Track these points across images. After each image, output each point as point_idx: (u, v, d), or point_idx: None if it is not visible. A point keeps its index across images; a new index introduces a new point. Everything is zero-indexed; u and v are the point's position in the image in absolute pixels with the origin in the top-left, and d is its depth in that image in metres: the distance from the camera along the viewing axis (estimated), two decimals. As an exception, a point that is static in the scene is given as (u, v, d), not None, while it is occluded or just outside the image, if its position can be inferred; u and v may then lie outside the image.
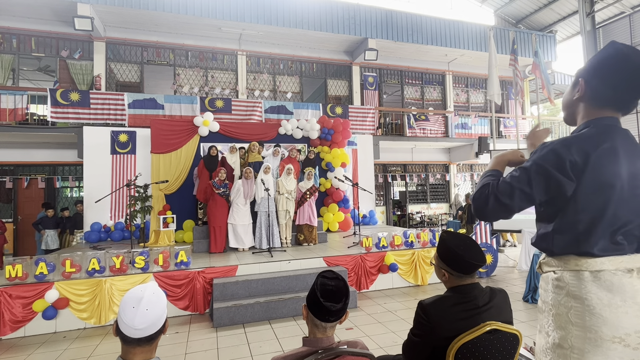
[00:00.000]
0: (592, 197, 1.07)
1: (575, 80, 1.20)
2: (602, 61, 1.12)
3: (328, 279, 1.41)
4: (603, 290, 1.03)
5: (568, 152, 1.07)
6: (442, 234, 1.65)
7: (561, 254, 1.13)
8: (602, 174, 1.06)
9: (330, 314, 1.36)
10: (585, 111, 1.17)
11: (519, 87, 9.40)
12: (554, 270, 1.14)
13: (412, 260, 6.00)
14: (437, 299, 1.57)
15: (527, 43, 12.80)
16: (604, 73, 1.11)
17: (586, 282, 1.05)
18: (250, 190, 6.36)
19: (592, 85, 1.13)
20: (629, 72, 1.08)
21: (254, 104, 9.72)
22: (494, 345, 1.48)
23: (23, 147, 9.00)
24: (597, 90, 1.13)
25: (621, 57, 1.08)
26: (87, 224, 7.79)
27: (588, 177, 1.06)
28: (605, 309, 1.02)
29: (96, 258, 4.69)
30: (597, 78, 1.12)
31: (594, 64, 1.14)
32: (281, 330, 4.26)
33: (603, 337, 1.00)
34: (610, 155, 1.07)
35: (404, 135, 11.64)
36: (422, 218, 12.54)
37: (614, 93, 1.11)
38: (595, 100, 1.14)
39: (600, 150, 1.06)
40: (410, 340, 1.60)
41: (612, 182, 1.06)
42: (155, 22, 9.70)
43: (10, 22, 9.08)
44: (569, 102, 1.22)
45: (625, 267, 1.05)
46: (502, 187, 1.12)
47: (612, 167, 1.06)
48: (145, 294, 1.21)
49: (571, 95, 1.21)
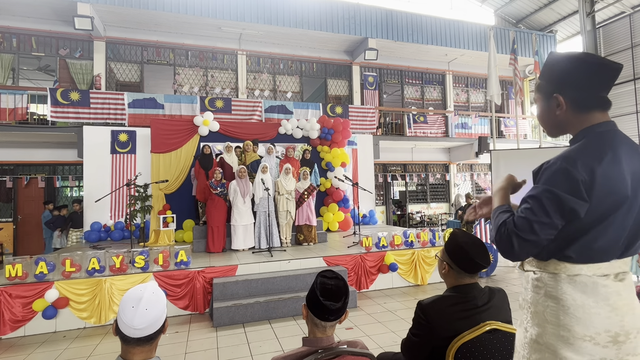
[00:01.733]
0: (598, 212, 1.06)
1: (547, 98, 1.19)
2: (563, 72, 1.14)
3: (328, 278, 1.41)
4: (578, 292, 1.08)
5: (576, 171, 1.03)
6: (455, 230, 1.68)
7: (547, 259, 1.15)
8: (608, 188, 1.04)
9: (330, 313, 1.36)
10: (574, 121, 1.16)
11: (519, 87, 9.40)
12: (534, 271, 1.19)
13: (412, 260, 6.00)
14: (436, 299, 1.57)
15: (527, 43, 12.79)
16: (575, 80, 1.13)
17: (562, 283, 1.10)
18: (247, 187, 6.34)
19: (570, 96, 1.14)
20: (593, 70, 1.11)
21: (254, 103, 9.72)
22: (493, 345, 1.48)
23: (23, 146, 8.99)
24: (576, 99, 1.14)
25: (578, 61, 1.12)
26: (87, 223, 7.79)
27: (596, 193, 1.04)
28: (578, 310, 1.06)
29: (96, 257, 4.69)
30: (571, 88, 1.14)
31: (558, 76, 1.16)
32: (281, 330, 4.26)
33: (575, 335, 1.06)
34: (614, 166, 1.05)
35: (404, 135, 11.64)
36: (422, 218, 12.54)
37: (592, 94, 1.13)
38: (580, 108, 1.14)
39: (604, 163, 1.04)
40: (409, 340, 1.60)
41: (618, 193, 1.05)
42: (155, 22, 9.69)
43: (10, 21, 9.07)
44: (553, 120, 1.20)
45: (603, 272, 1.09)
46: (520, 224, 1.06)
47: (617, 178, 1.05)
48: (145, 294, 1.21)
49: (551, 113, 1.19)
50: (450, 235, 1.67)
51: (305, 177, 6.84)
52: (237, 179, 6.39)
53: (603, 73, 1.11)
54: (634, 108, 11.70)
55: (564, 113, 1.16)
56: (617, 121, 12.15)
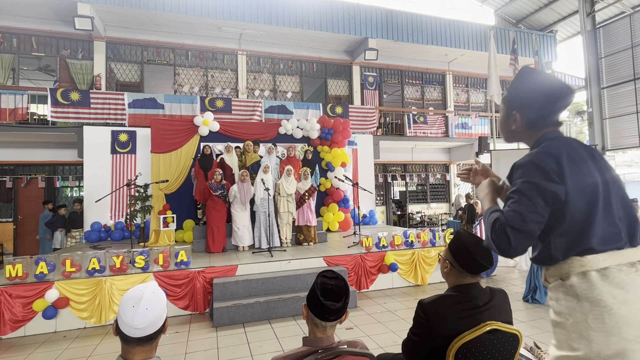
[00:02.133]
0: (580, 196, 1.10)
1: (507, 112, 1.31)
2: (524, 92, 1.25)
3: (328, 278, 1.41)
4: (615, 287, 1.01)
5: (544, 162, 1.12)
6: (460, 230, 1.70)
7: (564, 258, 1.12)
8: (579, 173, 1.11)
9: (331, 313, 1.36)
10: (527, 135, 1.28)
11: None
12: (561, 277, 1.12)
13: (412, 260, 6.00)
14: (436, 298, 1.57)
15: (527, 43, 12.79)
16: (530, 102, 1.24)
17: (595, 281, 1.03)
18: (248, 193, 6.30)
19: (525, 115, 1.25)
20: (549, 97, 1.21)
21: (254, 103, 9.72)
22: (494, 345, 1.48)
23: (23, 146, 9.00)
24: (530, 118, 1.25)
25: (536, 87, 1.23)
26: (87, 223, 7.79)
27: (569, 179, 1.10)
28: (622, 307, 0.99)
29: (96, 258, 4.69)
30: (526, 107, 1.24)
31: (520, 95, 1.27)
32: (281, 330, 4.26)
33: (627, 337, 0.97)
34: (577, 155, 1.14)
35: (404, 135, 11.64)
36: (422, 218, 12.53)
37: (544, 117, 1.23)
38: (533, 126, 1.25)
39: (567, 153, 1.14)
40: (409, 339, 1.60)
41: (591, 178, 1.11)
42: (155, 22, 9.69)
43: (11, 21, 9.08)
44: (508, 130, 1.32)
45: (627, 261, 1.04)
46: (511, 217, 1.10)
47: (584, 165, 1.13)
48: (145, 294, 1.21)
49: (508, 125, 1.31)
50: (454, 235, 1.67)
51: (306, 177, 6.81)
52: (239, 183, 6.34)
53: (557, 100, 1.22)
54: (634, 108, 11.69)
55: (518, 128, 1.29)
56: (617, 121, 12.23)
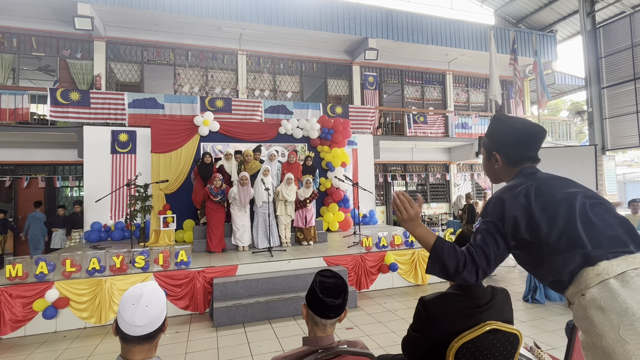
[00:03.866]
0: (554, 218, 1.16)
1: (488, 154, 1.47)
2: (500, 135, 1.41)
3: (326, 277, 1.43)
4: (637, 292, 0.97)
5: (513, 199, 1.24)
6: (464, 229, 1.72)
7: (575, 275, 1.10)
8: (550, 200, 1.20)
9: (330, 310, 1.37)
10: (509, 172, 1.42)
11: (519, 87, 9.40)
12: (582, 293, 1.07)
13: (412, 259, 6.00)
14: (438, 295, 1.58)
15: (527, 43, 12.79)
16: (506, 143, 1.39)
17: (616, 289, 0.99)
18: (247, 196, 6.28)
19: (504, 154, 1.40)
20: (523, 137, 1.37)
21: (254, 103, 9.71)
22: (494, 345, 1.48)
23: (23, 146, 8.99)
24: (509, 157, 1.40)
25: (510, 129, 1.38)
26: (87, 223, 7.79)
27: (538, 207, 1.19)
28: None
29: (96, 257, 4.69)
30: (505, 148, 1.40)
31: (497, 138, 1.43)
32: (281, 330, 4.26)
33: None
34: (547, 185, 1.25)
35: (404, 135, 11.63)
36: (422, 218, 12.50)
37: (521, 154, 1.38)
38: (512, 163, 1.40)
39: (536, 185, 1.25)
40: (409, 335, 1.60)
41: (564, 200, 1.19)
42: (155, 22, 9.69)
43: (11, 21, 9.07)
44: (492, 171, 1.47)
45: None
46: (481, 259, 1.22)
47: (555, 189, 1.23)
48: (145, 292, 1.21)
49: (491, 165, 1.47)
50: (458, 234, 1.68)
51: (307, 185, 6.75)
52: (238, 186, 6.29)
53: (531, 139, 1.37)
54: (634, 108, 11.69)
55: (500, 167, 1.43)
56: (617, 121, 12.22)
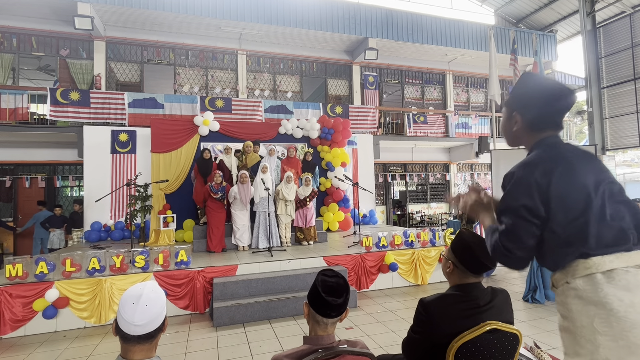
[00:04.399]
0: (570, 203, 1.11)
1: (508, 114, 1.35)
2: (527, 93, 1.28)
3: (328, 276, 1.44)
4: (621, 290, 0.99)
5: (531, 175, 1.15)
6: (462, 229, 1.69)
7: (568, 263, 1.11)
8: (569, 181, 1.13)
9: (332, 309, 1.38)
10: (528, 137, 1.31)
11: (519, 87, 9.38)
12: (567, 281, 1.10)
13: (412, 259, 6.00)
14: (438, 296, 1.57)
15: (527, 42, 12.79)
16: (530, 104, 1.26)
17: (601, 284, 1.01)
18: (247, 194, 6.29)
19: (526, 116, 1.28)
20: (545, 94, 1.24)
21: (254, 103, 9.71)
22: (494, 345, 1.48)
23: (23, 146, 8.99)
24: (531, 120, 1.28)
25: (539, 87, 1.25)
26: (87, 223, 7.79)
27: (555, 189, 1.12)
28: (629, 311, 0.97)
29: (96, 257, 4.69)
30: (527, 109, 1.27)
31: (522, 97, 1.30)
32: (281, 330, 4.26)
33: (636, 341, 0.96)
34: (568, 164, 1.16)
35: (404, 135, 11.63)
36: (422, 218, 12.53)
37: (545, 118, 1.26)
38: (534, 127, 1.28)
39: (557, 163, 1.16)
40: (409, 337, 1.60)
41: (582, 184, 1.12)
42: (155, 22, 9.69)
43: (11, 21, 9.07)
44: (510, 133, 1.36)
45: (635, 263, 1.02)
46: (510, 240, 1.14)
47: (575, 173, 1.14)
48: (145, 291, 1.22)
49: (510, 127, 1.35)
50: (457, 234, 1.67)
51: (307, 183, 6.74)
52: (239, 184, 6.31)
53: (560, 102, 1.23)
54: (634, 108, 11.69)
55: (519, 129, 1.32)
56: (617, 121, 12.22)
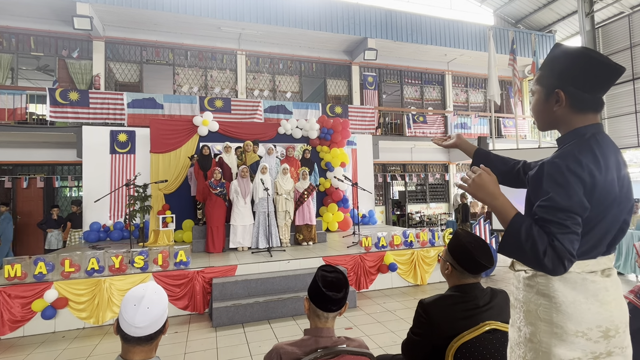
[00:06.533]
0: (594, 211, 1.07)
1: (548, 91, 1.17)
2: (570, 67, 1.11)
3: (328, 272, 1.48)
4: (568, 289, 1.10)
5: (583, 172, 1.04)
6: (458, 230, 1.69)
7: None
8: (605, 190, 1.07)
9: (333, 303, 1.41)
10: (569, 120, 1.15)
11: (518, 87, 9.41)
12: (525, 270, 1.19)
13: (412, 260, 6.00)
14: (437, 297, 1.57)
15: (526, 43, 12.81)
16: (579, 78, 1.10)
17: (554, 281, 1.11)
18: (247, 188, 6.32)
19: (571, 94, 1.12)
20: (599, 70, 1.09)
21: (254, 103, 9.71)
22: (493, 345, 1.48)
23: (22, 146, 8.98)
24: (576, 97, 1.12)
25: (586, 59, 1.09)
26: (86, 223, 7.78)
27: (595, 195, 1.06)
28: (570, 306, 1.09)
29: (95, 258, 4.67)
30: (574, 86, 1.11)
31: (565, 71, 1.13)
32: (280, 330, 4.26)
33: (568, 331, 1.07)
34: (607, 169, 1.07)
35: (403, 135, 11.64)
36: (421, 218, 12.54)
37: (591, 95, 1.12)
38: (578, 107, 1.13)
39: (602, 167, 1.06)
40: (410, 339, 1.60)
41: (612, 193, 1.08)
42: (154, 22, 9.68)
43: (9, 21, 9.06)
44: (548, 114, 1.19)
45: (590, 269, 1.12)
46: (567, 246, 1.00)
47: (611, 181, 1.07)
48: (147, 293, 1.21)
49: (548, 107, 1.18)
50: (453, 235, 1.67)
51: (304, 177, 6.81)
52: (239, 179, 6.36)
53: (607, 74, 1.09)
54: (633, 108, 11.71)
55: (561, 110, 1.15)
56: (616, 121, 12.24)
